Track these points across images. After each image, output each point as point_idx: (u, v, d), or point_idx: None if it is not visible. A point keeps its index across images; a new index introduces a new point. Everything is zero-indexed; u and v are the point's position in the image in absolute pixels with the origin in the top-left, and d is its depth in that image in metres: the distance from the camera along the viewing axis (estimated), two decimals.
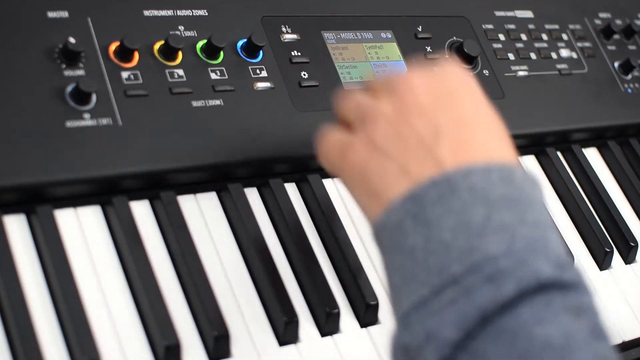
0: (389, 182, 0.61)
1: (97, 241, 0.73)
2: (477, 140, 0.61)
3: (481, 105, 0.64)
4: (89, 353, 0.65)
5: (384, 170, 0.61)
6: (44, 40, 0.76)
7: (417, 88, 0.63)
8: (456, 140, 0.60)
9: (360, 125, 0.65)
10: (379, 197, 0.61)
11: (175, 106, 0.78)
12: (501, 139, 0.63)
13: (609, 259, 0.95)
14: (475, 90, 0.65)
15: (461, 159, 0.59)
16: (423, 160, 0.60)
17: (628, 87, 1.08)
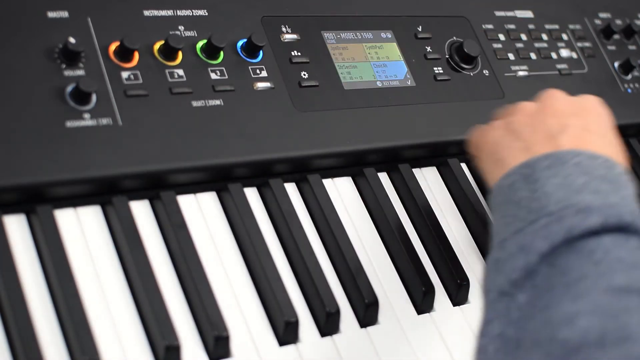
0: (514, 155, 0.72)
1: (97, 241, 0.73)
2: (596, 142, 0.72)
3: (608, 127, 0.76)
4: (89, 353, 0.65)
5: (511, 146, 0.74)
6: (44, 40, 0.76)
7: (559, 99, 0.77)
8: (577, 136, 0.72)
9: (505, 117, 0.79)
10: (502, 165, 0.73)
11: (175, 106, 0.78)
12: (617, 151, 0.74)
13: None
14: (607, 118, 0.77)
15: (576, 146, 0.71)
16: (546, 144, 0.72)
17: (628, 87, 1.08)
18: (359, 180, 0.87)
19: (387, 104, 0.89)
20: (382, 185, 0.87)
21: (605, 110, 0.78)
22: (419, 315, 0.81)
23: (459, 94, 0.95)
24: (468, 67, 0.97)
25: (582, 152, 0.69)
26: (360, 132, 0.86)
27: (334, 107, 0.86)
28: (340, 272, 0.80)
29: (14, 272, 0.67)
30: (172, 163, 0.76)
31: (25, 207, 0.71)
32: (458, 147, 0.93)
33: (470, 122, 0.93)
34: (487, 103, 0.96)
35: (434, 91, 0.93)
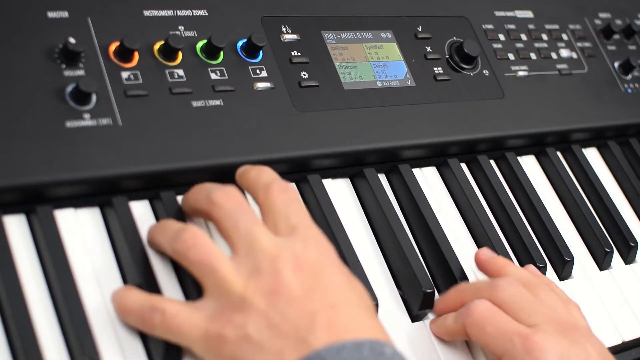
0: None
1: (97, 241, 0.73)
2: (349, 320, 0.64)
3: (347, 280, 0.67)
4: (89, 353, 0.65)
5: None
6: (44, 40, 0.76)
7: (286, 275, 0.65)
8: (330, 324, 0.63)
9: (229, 313, 0.64)
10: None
11: (175, 106, 0.78)
12: (369, 315, 0.66)
13: (609, 259, 0.95)
14: (336, 261, 0.68)
15: (334, 337, 0.62)
16: (299, 346, 0.62)
17: (628, 87, 1.08)
18: (358, 180, 0.87)
19: (387, 104, 0.89)
20: (382, 186, 0.87)
21: (326, 244, 0.69)
22: (420, 311, 0.81)
23: (459, 94, 0.95)
24: (468, 67, 0.97)
25: (344, 346, 0.61)
26: (360, 132, 0.86)
27: (334, 107, 0.86)
28: None
29: (14, 272, 0.67)
30: (172, 163, 0.76)
31: (25, 207, 0.71)
32: (458, 147, 0.93)
33: (471, 122, 0.93)
34: (487, 103, 0.96)
35: (434, 91, 0.93)
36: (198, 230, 0.68)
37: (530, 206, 0.95)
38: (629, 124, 1.06)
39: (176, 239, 0.68)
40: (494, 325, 0.73)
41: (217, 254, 0.66)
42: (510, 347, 0.72)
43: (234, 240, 0.68)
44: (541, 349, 0.71)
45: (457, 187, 0.92)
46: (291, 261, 0.66)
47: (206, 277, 0.66)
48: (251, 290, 0.64)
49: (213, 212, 0.70)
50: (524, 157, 1.00)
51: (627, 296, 0.93)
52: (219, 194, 0.70)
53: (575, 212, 0.98)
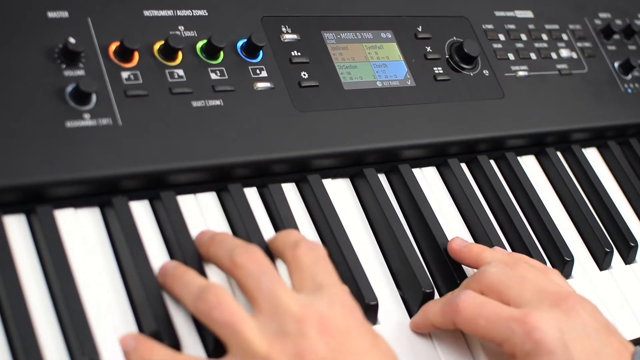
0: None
1: (97, 241, 0.73)
2: None
3: (372, 342, 0.67)
4: (89, 353, 0.65)
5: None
6: (44, 40, 0.76)
7: (312, 338, 0.64)
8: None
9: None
10: None
11: (175, 106, 0.78)
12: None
13: (609, 259, 0.95)
14: (361, 321, 0.68)
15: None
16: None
17: (628, 87, 1.08)
18: (358, 180, 0.87)
19: (387, 104, 0.89)
20: (382, 186, 0.87)
21: (352, 304, 0.69)
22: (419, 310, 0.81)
23: (459, 94, 0.95)
24: (468, 67, 0.97)
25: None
26: (360, 132, 0.86)
27: (334, 107, 0.86)
28: (340, 272, 0.80)
29: (14, 272, 0.67)
30: (172, 163, 0.76)
31: (25, 207, 0.71)
32: (458, 147, 0.93)
33: (471, 122, 0.93)
34: (487, 103, 0.96)
35: (434, 91, 0.93)
36: (222, 289, 0.67)
37: (530, 206, 0.95)
38: (629, 124, 1.06)
39: (199, 298, 0.67)
40: (485, 316, 0.73)
41: (242, 315, 0.66)
42: (508, 333, 0.72)
43: (258, 301, 0.67)
44: (539, 329, 0.71)
45: (457, 187, 0.92)
46: (317, 323, 0.65)
47: (230, 338, 0.65)
48: (276, 353, 0.64)
49: (235, 272, 0.69)
50: (524, 157, 1.00)
51: (627, 296, 0.93)
52: (242, 256, 0.69)
53: (575, 212, 0.98)
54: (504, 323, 0.72)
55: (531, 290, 0.75)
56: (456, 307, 0.74)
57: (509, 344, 0.72)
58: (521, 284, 0.75)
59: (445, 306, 0.75)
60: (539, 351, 0.71)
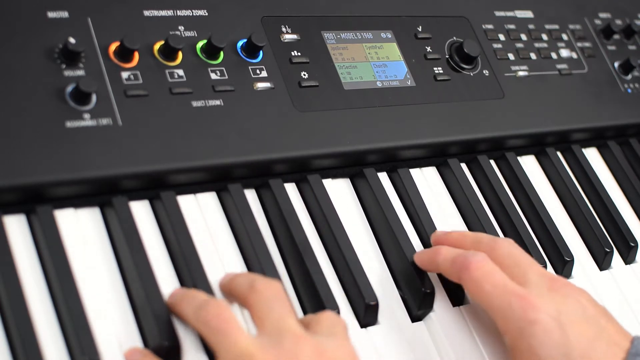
0: None
1: (97, 241, 0.73)
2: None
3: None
4: (89, 353, 0.65)
5: None
6: (44, 40, 0.76)
7: (305, 354, 0.64)
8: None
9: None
10: None
11: (175, 106, 0.78)
12: None
13: (609, 259, 0.95)
14: None
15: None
16: None
17: (628, 87, 1.08)
18: (358, 180, 0.88)
19: (387, 104, 0.89)
20: (382, 186, 0.87)
21: (349, 347, 0.68)
22: (420, 311, 0.81)
23: (459, 94, 0.95)
24: (468, 67, 0.97)
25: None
26: (360, 132, 0.86)
27: (334, 107, 0.86)
28: (340, 272, 0.80)
29: (14, 272, 0.67)
30: (172, 163, 0.76)
31: (25, 207, 0.72)
32: (458, 147, 0.93)
33: (471, 122, 0.93)
34: (487, 103, 0.96)
35: (434, 91, 0.93)
36: (224, 303, 0.67)
37: (530, 206, 0.95)
38: (629, 124, 1.06)
39: (201, 308, 0.67)
40: (492, 283, 0.74)
41: (237, 325, 0.66)
42: (506, 307, 0.73)
43: (264, 322, 0.67)
44: (537, 309, 0.72)
45: (457, 187, 0.92)
46: (314, 348, 0.65)
47: (219, 342, 0.65)
48: (262, 354, 0.64)
49: (251, 297, 0.69)
50: (524, 157, 1.00)
51: (627, 296, 0.93)
52: (262, 283, 0.69)
53: (575, 212, 0.98)
54: (506, 296, 0.73)
55: (537, 272, 0.76)
56: (468, 264, 0.75)
57: (504, 318, 0.73)
58: (529, 264, 0.77)
59: (458, 258, 0.76)
60: (532, 330, 0.71)
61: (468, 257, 0.76)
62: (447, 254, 0.78)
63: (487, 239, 0.80)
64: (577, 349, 0.71)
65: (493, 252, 0.78)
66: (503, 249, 0.78)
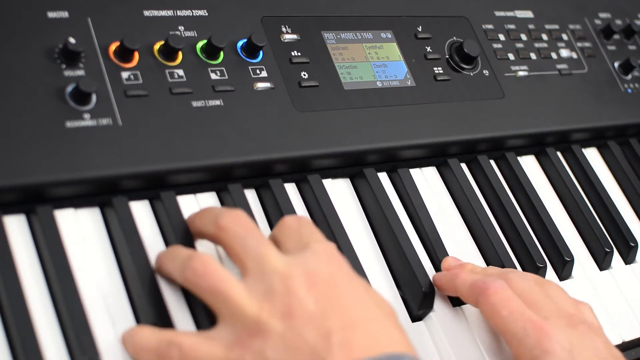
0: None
1: (97, 241, 0.73)
2: (366, 336, 0.63)
3: (363, 293, 0.67)
4: (89, 353, 0.65)
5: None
6: (44, 40, 0.76)
7: (300, 294, 0.64)
8: (347, 341, 0.62)
9: (246, 339, 0.64)
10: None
11: (175, 106, 0.78)
12: (389, 325, 0.65)
13: (609, 259, 0.95)
14: (350, 274, 0.68)
15: (352, 356, 0.61)
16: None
17: (628, 87, 1.08)
18: (358, 180, 0.87)
19: (387, 104, 0.89)
20: (382, 186, 0.87)
21: (338, 257, 0.68)
22: (420, 311, 0.81)
23: (459, 94, 0.95)
24: (468, 67, 0.97)
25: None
26: (360, 132, 0.86)
27: (334, 107, 0.86)
28: None
29: (14, 272, 0.67)
30: (172, 163, 0.76)
31: (25, 207, 0.71)
32: (458, 147, 0.93)
33: (471, 122, 0.93)
34: (487, 103, 0.96)
35: (434, 91, 0.93)
36: (208, 257, 0.67)
37: (530, 206, 0.95)
38: (629, 124, 1.06)
39: (186, 267, 0.67)
40: (509, 309, 0.74)
41: (229, 280, 0.66)
42: (522, 334, 0.73)
43: (244, 263, 0.67)
44: (551, 338, 0.72)
45: (457, 187, 0.92)
46: (304, 279, 0.65)
47: (219, 304, 0.66)
48: (266, 313, 0.64)
49: (221, 236, 0.69)
50: (524, 157, 1.00)
51: (627, 296, 0.93)
52: (227, 218, 0.69)
53: (575, 212, 0.98)
54: (522, 323, 0.73)
55: (553, 310, 0.76)
56: (487, 289, 0.75)
57: (518, 344, 0.73)
58: (544, 300, 0.77)
59: (477, 282, 0.76)
60: (545, 359, 0.71)
61: (487, 282, 0.76)
62: (466, 277, 0.78)
63: (497, 274, 0.79)
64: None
65: (510, 283, 0.77)
66: (518, 285, 0.77)
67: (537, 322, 0.73)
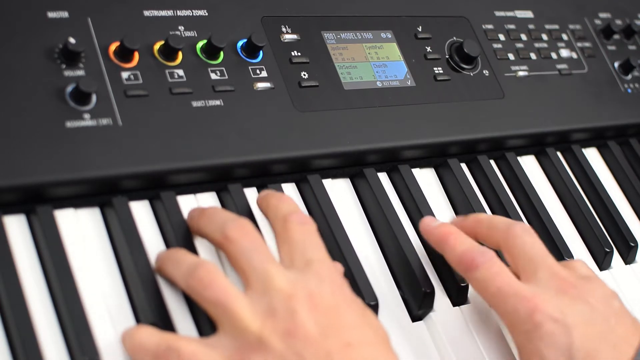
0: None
1: (97, 241, 0.73)
2: (366, 357, 0.64)
3: (361, 317, 0.68)
4: (89, 353, 0.65)
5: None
6: (44, 40, 0.76)
7: (301, 315, 0.65)
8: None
9: (246, 353, 0.64)
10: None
11: (175, 106, 0.78)
12: (384, 350, 0.67)
13: (609, 259, 0.95)
14: (350, 297, 0.69)
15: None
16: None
17: (628, 87, 1.08)
18: (358, 180, 0.87)
19: (387, 104, 0.89)
20: (382, 186, 0.87)
21: (340, 279, 0.69)
22: (420, 311, 0.81)
23: (459, 94, 0.95)
24: (468, 67, 0.97)
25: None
26: (360, 132, 0.86)
27: (334, 107, 0.86)
28: None
29: (14, 272, 0.67)
30: (172, 163, 0.76)
31: (25, 207, 0.71)
32: (458, 147, 0.93)
33: (471, 122, 0.93)
34: (487, 103, 0.96)
35: (434, 91, 0.93)
36: (213, 267, 0.67)
37: (530, 206, 0.95)
38: (629, 124, 1.06)
39: (191, 276, 0.67)
40: (497, 285, 0.74)
41: (233, 294, 0.66)
42: (512, 309, 0.73)
43: (249, 277, 0.67)
44: (541, 311, 0.72)
45: (457, 188, 0.92)
46: (306, 300, 0.66)
47: (221, 316, 0.66)
48: (268, 330, 0.64)
49: (227, 247, 0.69)
50: (524, 157, 1.00)
51: (627, 296, 0.93)
52: (234, 230, 0.69)
53: (575, 212, 0.98)
54: (512, 299, 0.73)
55: (548, 271, 0.76)
56: (475, 265, 0.75)
57: (510, 320, 0.73)
58: (542, 258, 0.76)
59: (465, 255, 0.76)
60: (538, 333, 0.71)
61: (476, 257, 0.75)
62: (455, 245, 0.77)
63: (503, 226, 0.79)
64: (581, 350, 0.71)
65: (506, 242, 0.77)
66: (518, 239, 0.77)
67: (526, 296, 0.73)
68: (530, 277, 0.75)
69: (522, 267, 0.76)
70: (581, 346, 0.71)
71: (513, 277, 0.75)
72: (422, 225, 0.81)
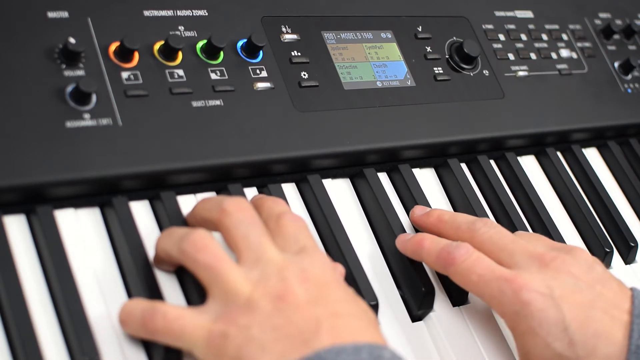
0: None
1: (97, 241, 0.73)
2: (351, 327, 0.64)
3: (351, 297, 0.68)
4: (89, 353, 0.65)
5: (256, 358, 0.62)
6: (44, 40, 0.76)
7: (293, 283, 0.65)
8: (334, 327, 0.63)
9: (233, 315, 0.64)
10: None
11: (175, 106, 0.78)
12: (372, 326, 0.66)
13: (609, 259, 0.95)
14: (341, 281, 0.69)
15: (337, 342, 0.62)
16: (301, 348, 0.62)
17: (628, 87, 1.08)
18: (358, 180, 0.88)
19: (387, 104, 0.89)
20: (382, 186, 0.87)
21: (331, 269, 0.69)
22: (420, 311, 0.81)
23: (459, 94, 0.95)
24: (468, 67, 0.97)
25: (343, 348, 0.61)
26: (360, 132, 0.86)
27: (334, 107, 0.86)
28: None
29: (14, 272, 0.67)
30: (172, 163, 0.76)
31: (25, 207, 0.71)
32: (458, 147, 0.93)
33: (471, 122, 0.93)
34: (487, 103, 0.96)
35: (434, 91, 0.93)
36: (207, 233, 0.68)
37: (530, 206, 0.95)
38: (629, 124, 1.06)
39: (185, 239, 0.67)
40: (478, 272, 0.74)
41: (226, 260, 0.66)
42: (498, 293, 0.73)
43: (242, 250, 0.68)
44: (528, 289, 0.72)
45: (457, 188, 0.92)
46: (298, 273, 0.66)
47: (212, 281, 0.66)
48: (258, 294, 0.64)
49: (224, 220, 0.69)
50: (524, 157, 1.00)
51: None
52: (231, 204, 0.70)
53: (575, 212, 0.98)
54: (495, 282, 0.73)
55: (524, 253, 0.76)
56: (453, 259, 0.75)
57: (498, 304, 0.73)
58: (513, 244, 0.77)
59: (442, 253, 0.76)
60: (527, 311, 0.72)
61: (451, 252, 0.76)
62: (431, 247, 0.78)
63: (465, 226, 0.79)
64: (574, 320, 0.71)
65: (474, 240, 0.78)
66: (484, 235, 0.78)
67: (509, 277, 0.73)
68: (510, 263, 0.76)
69: (497, 257, 0.76)
70: (573, 317, 0.71)
71: (493, 262, 0.75)
72: (397, 244, 0.82)
